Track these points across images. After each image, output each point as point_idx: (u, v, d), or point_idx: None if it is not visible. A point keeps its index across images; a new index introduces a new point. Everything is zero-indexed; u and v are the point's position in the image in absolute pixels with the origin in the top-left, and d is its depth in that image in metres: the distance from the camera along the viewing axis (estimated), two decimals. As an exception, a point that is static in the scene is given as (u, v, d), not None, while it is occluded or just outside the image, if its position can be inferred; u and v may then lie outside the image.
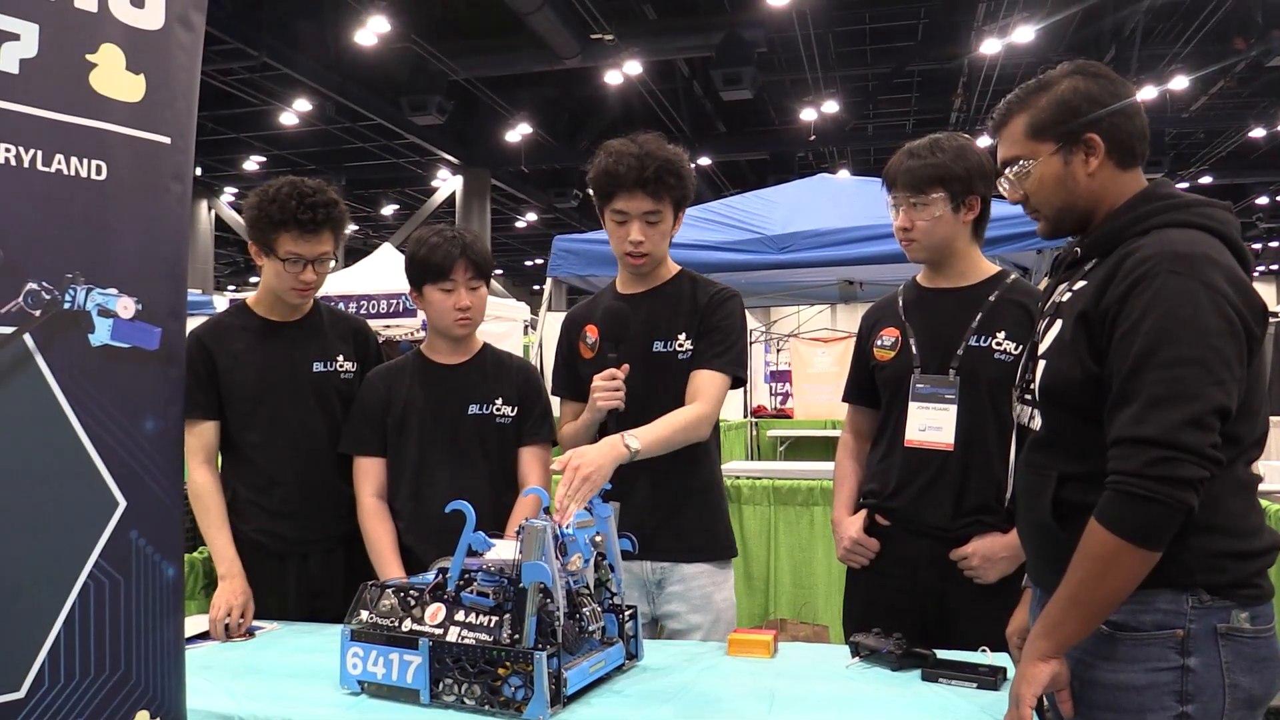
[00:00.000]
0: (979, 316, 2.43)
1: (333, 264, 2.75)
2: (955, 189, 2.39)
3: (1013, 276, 2.52)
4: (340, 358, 2.82)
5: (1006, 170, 1.88)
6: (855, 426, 2.73)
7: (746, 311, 3.13)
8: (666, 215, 2.55)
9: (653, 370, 2.53)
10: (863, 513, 2.55)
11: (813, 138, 17.65)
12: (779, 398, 14.43)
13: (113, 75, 1.49)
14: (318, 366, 2.78)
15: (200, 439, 2.69)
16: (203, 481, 2.67)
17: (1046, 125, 1.81)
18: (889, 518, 2.49)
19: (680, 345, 2.55)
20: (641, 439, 2.28)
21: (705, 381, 2.51)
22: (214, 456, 2.72)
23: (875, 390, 2.61)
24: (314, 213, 2.61)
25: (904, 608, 2.41)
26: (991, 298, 2.44)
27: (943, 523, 2.40)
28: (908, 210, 2.43)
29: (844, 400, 2.76)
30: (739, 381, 2.58)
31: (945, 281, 2.52)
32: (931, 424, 2.43)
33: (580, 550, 2.00)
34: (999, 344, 2.38)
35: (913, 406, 2.46)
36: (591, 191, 2.60)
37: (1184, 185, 18.75)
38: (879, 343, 2.58)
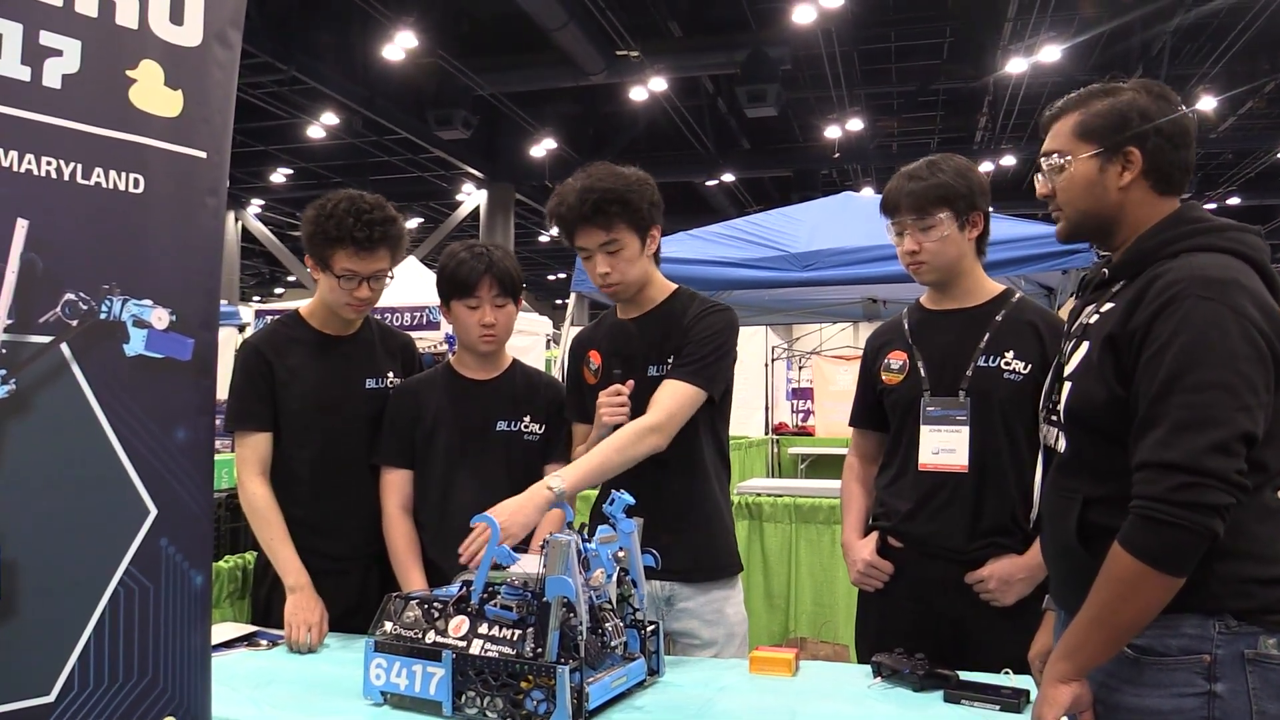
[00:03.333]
0: (987, 336, 2.42)
1: (390, 281, 2.72)
2: (959, 207, 2.38)
3: (1019, 295, 2.51)
4: (390, 374, 2.82)
5: (1043, 160, 1.89)
6: (861, 450, 2.72)
7: (768, 329, 3.12)
8: (628, 242, 2.47)
9: (648, 395, 2.48)
10: (874, 535, 2.54)
11: (837, 155, 17.62)
12: (800, 415, 14.40)
13: (152, 91, 1.51)
14: (370, 384, 2.77)
15: (255, 451, 2.67)
16: (261, 494, 2.64)
17: (1095, 129, 1.81)
18: (903, 541, 2.48)
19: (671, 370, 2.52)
20: (566, 477, 2.29)
21: (663, 391, 2.44)
22: (268, 469, 2.68)
23: (882, 414, 2.60)
24: (370, 230, 2.58)
25: (918, 631, 2.39)
26: (999, 317, 2.43)
27: (959, 545, 2.39)
28: (913, 234, 2.42)
29: (851, 425, 2.74)
30: (710, 396, 2.47)
31: (951, 302, 2.51)
32: (945, 446, 2.42)
33: (603, 565, 2.01)
34: (1008, 363, 2.37)
35: (925, 430, 2.44)
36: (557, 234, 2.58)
37: (1211, 206, 18.64)
38: (886, 366, 2.56)
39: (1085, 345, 1.80)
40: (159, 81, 1.52)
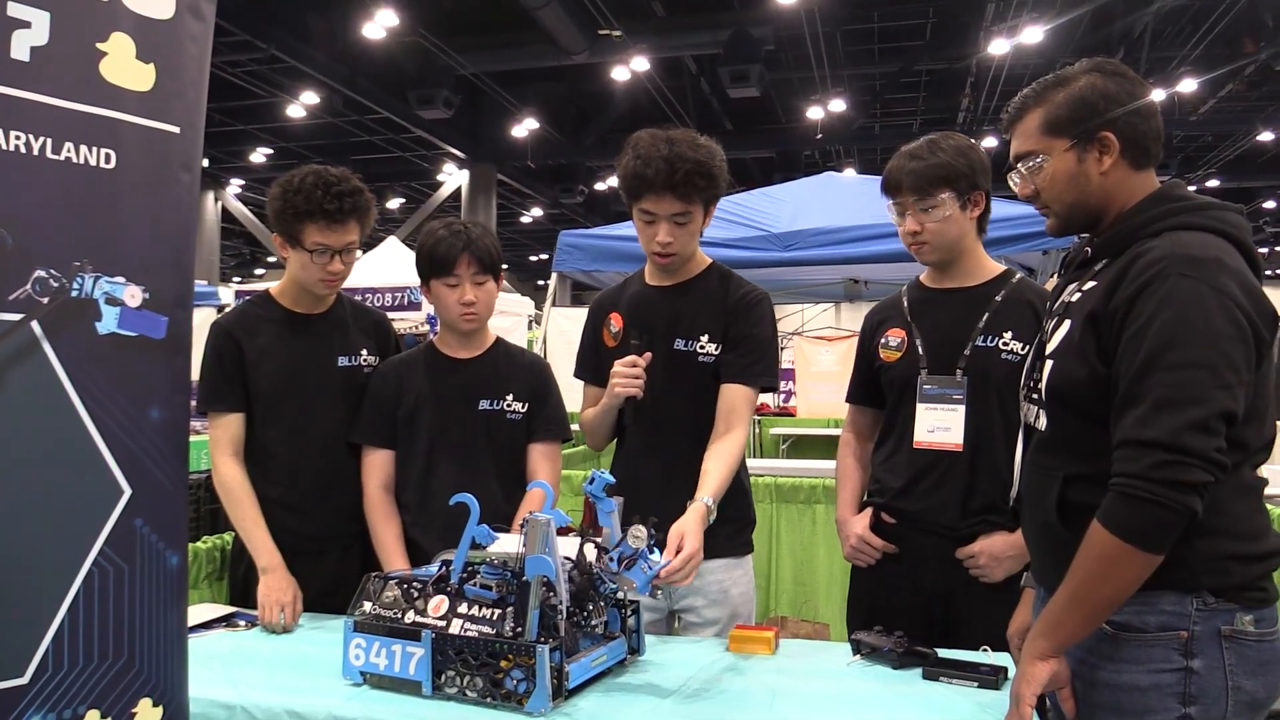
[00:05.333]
0: (986, 316, 2.42)
1: (359, 253, 2.72)
2: (961, 187, 2.38)
3: (1019, 275, 2.52)
4: (364, 352, 2.80)
5: (1019, 165, 1.88)
6: (856, 426, 2.73)
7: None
8: (696, 215, 2.47)
9: (671, 368, 2.51)
10: (868, 511, 2.55)
11: (819, 136, 17.60)
12: (782, 395, 14.41)
13: (123, 64, 1.49)
14: (343, 361, 2.76)
15: (228, 431, 2.66)
16: (233, 475, 2.64)
17: (1062, 121, 1.80)
18: (895, 517, 2.49)
19: (701, 347, 2.52)
20: (712, 492, 2.29)
21: (738, 400, 2.48)
22: (241, 450, 2.68)
23: (878, 390, 2.61)
24: (340, 202, 2.58)
25: (908, 606, 2.41)
26: (998, 297, 2.43)
27: (950, 522, 2.41)
28: (915, 214, 2.42)
29: (848, 400, 2.75)
30: (770, 389, 2.56)
31: (951, 281, 2.52)
32: (940, 425, 2.43)
33: (636, 578, 2.00)
34: (1006, 344, 2.38)
35: (921, 407, 2.45)
36: (619, 186, 2.55)
37: (1192, 188, 18.72)
38: (884, 343, 2.57)
39: (1067, 323, 1.80)
40: (130, 55, 1.50)
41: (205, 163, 17.06)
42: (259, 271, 30.26)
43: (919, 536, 2.46)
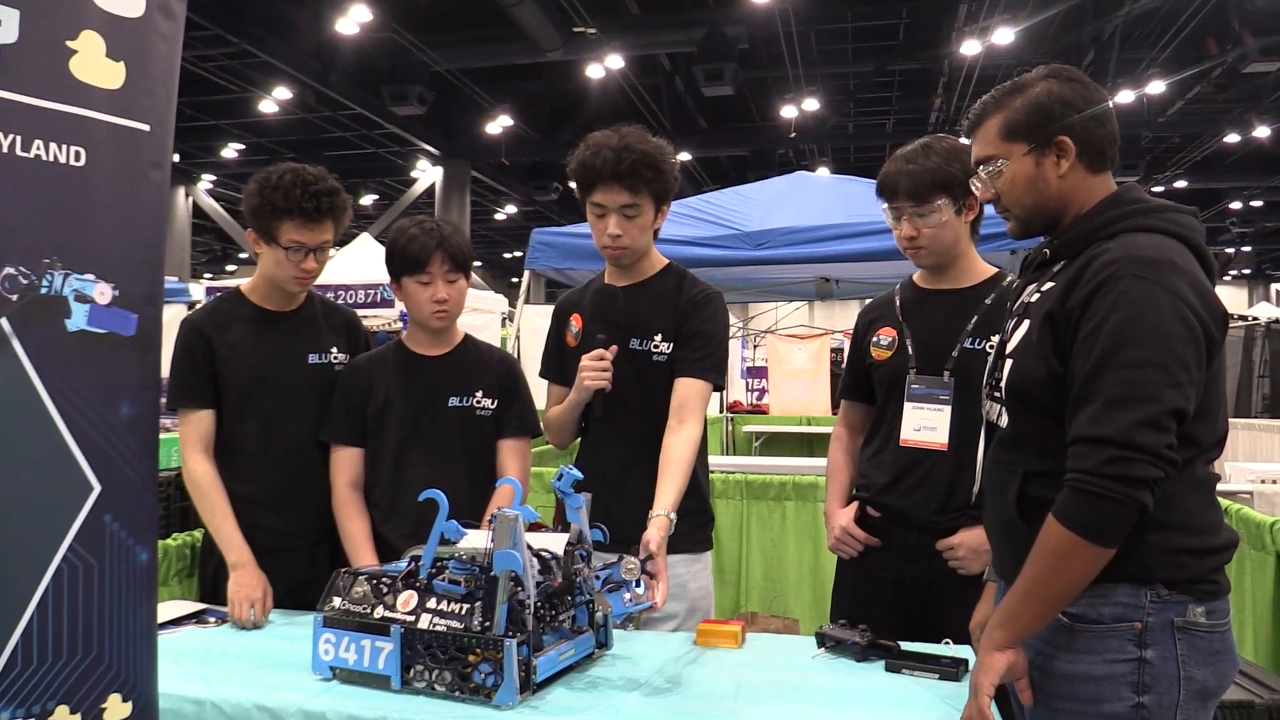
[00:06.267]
0: (975, 319, 2.46)
1: (332, 253, 2.72)
2: (957, 192, 2.40)
3: (1010, 277, 2.55)
4: (334, 350, 2.81)
5: (980, 169, 1.92)
6: (848, 421, 2.77)
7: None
8: (645, 209, 2.52)
9: (627, 367, 2.54)
10: (854, 505, 2.60)
11: (793, 135, 17.67)
12: (755, 393, 14.49)
13: (93, 62, 1.49)
14: (313, 359, 2.76)
15: (197, 428, 2.66)
16: (203, 471, 2.64)
17: (1020, 127, 1.84)
18: (880, 511, 2.54)
19: (656, 346, 2.56)
20: (668, 501, 2.30)
21: (691, 394, 2.51)
22: (211, 446, 2.67)
23: (870, 387, 2.65)
24: (318, 200, 2.59)
25: (891, 599, 2.47)
26: (988, 300, 2.47)
27: (932, 517, 2.45)
28: (911, 219, 2.44)
29: (841, 396, 2.80)
30: (719, 386, 2.60)
31: (943, 283, 2.55)
32: (926, 424, 2.47)
33: (615, 604, 2.05)
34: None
35: (908, 407, 2.50)
36: (572, 183, 2.60)
37: (1159, 189, 18.94)
38: (876, 342, 2.61)
39: (1026, 323, 1.84)
40: (100, 52, 1.50)
41: (176, 158, 16.93)
42: (230, 268, 30.00)
43: (902, 530, 2.51)
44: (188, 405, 2.66)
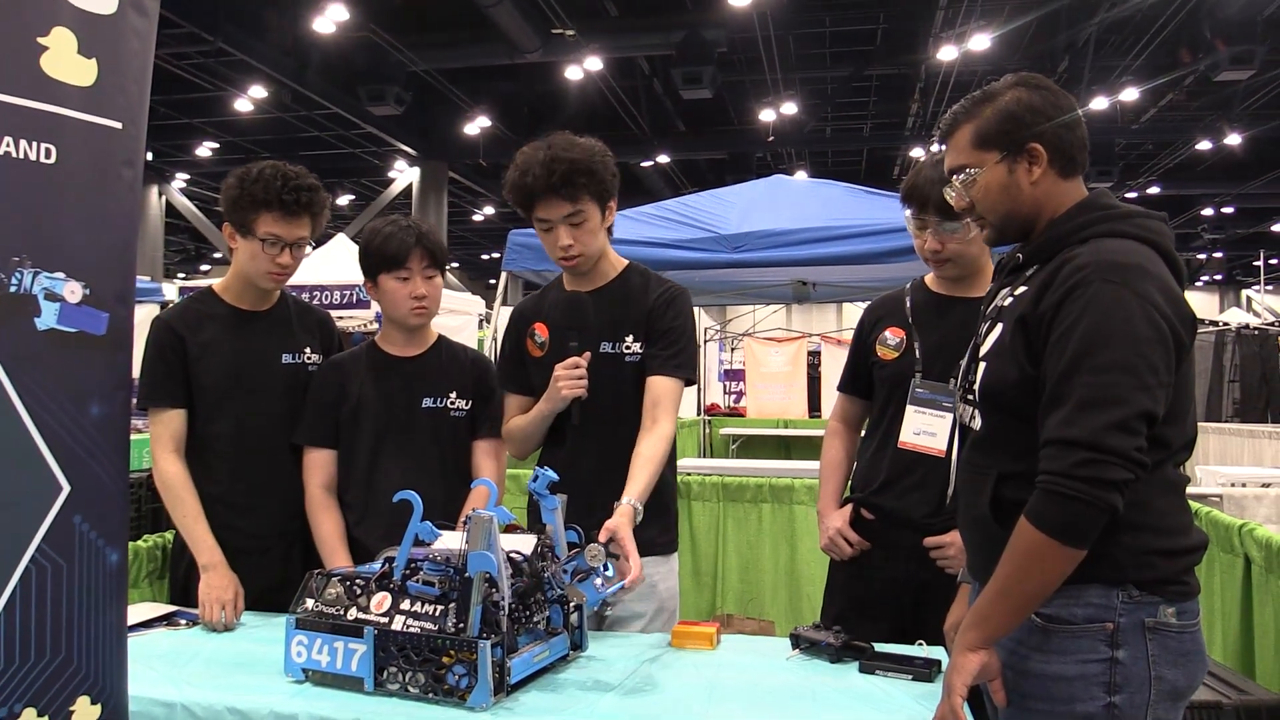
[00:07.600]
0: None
1: (308, 250, 2.72)
2: None
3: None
4: (307, 350, 2.79)
5: (953, 178, 1.93)
6: (844, 415, 2.78)
7: (701, 310, 3.16)
8: (590, 213, 2.48)
9: (601, 371, 2.52)
10: (848, 506, 2.61)
11: (771, 139, 17.75)
12: (732, 396, 14.54)
13: (64, 59, 1.48)
14: (287, 359, 2.75)
15: (169, 428, 2.64)
16: (175, 472, 2.61)
17: (992, 135, 1.86)
18: (873, 512, 2.56)
19: (628, 347, 2.55)
20: (637, 494, 2.29)
21: (663, 393, 2.49)
22: (183, 446, 2.65)
23: (869, 383, 2.66)
24: (297, 195, 2.59)
25: (883, 599, 2.48)
26: None
27: (925, 518, 2.47)
28: (938, 233, 2.45)
29: (839, 389, 2.79)
30: (690, 381, 2.59)
31: (958, 290, 2.56)
32: (927, 429, 2.49)
33: (588, 593, 2.04)
34: None
35: (910, 409, 2.51)
36: (510, 203, 2.56)
37: (1133, 195, 19.12)
38: (883, 340, 2.62)
39: (999, 327, 1.85)
40: (72, 49, 1.49)
41: (150, 156, 16.77)
42: (204, 268, 29.80)
43: (895, 531, 2.52)
44: (159, 405, 2.64)
